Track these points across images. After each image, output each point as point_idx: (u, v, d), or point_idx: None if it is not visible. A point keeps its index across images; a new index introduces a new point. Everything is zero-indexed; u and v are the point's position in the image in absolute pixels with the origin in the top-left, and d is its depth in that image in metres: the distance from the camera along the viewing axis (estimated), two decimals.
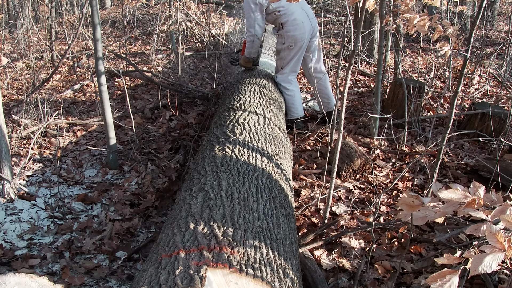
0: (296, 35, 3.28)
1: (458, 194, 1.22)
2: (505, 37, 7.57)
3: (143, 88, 5.27)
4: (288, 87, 3.52)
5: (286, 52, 3.36)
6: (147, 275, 1.26)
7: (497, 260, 1.08)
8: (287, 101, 3.56)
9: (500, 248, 1.09)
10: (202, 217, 1.50)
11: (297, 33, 3.28)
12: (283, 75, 3.50)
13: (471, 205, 1.21)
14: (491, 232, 1.11)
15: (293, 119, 3.57)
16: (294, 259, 1.56)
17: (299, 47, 3.35)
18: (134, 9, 8.12)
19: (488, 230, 1.11)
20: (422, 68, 5.74)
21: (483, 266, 1.07)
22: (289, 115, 3.59)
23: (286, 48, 3.34)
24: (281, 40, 3.37)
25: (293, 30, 3.25)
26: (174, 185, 3.00)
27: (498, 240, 1.09)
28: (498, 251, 1.09)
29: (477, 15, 2.09)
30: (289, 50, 3.35)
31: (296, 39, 3.28)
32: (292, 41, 3.28)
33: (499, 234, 1.09)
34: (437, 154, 2.47)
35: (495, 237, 1.10)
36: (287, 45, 3.32)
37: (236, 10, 8.92)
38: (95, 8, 2.87)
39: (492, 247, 1.10)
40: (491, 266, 1.07)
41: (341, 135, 2.12)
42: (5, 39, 7.10)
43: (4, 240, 2.44)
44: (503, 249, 1.09)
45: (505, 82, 4.79)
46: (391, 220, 2.53)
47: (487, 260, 1.08)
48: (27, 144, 3.63)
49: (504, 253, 1.08)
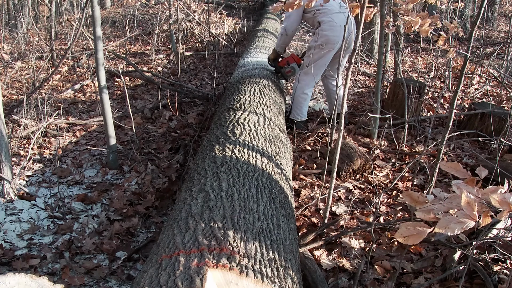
0: (330, 36, 3.30)
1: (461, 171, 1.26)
2: (505, 37, 7.57)
3: (143, 88, 5.27)
4: (305, 90, 3.54)
5: (316, 50, 3.40)
6: (148, 276, 1.26)
7: (463, 227, 1.13)
8: (297, 101, 3.58)
9: (471, 218, 1.13)
10: (203, 218, 1.50)
11: (331, 34, 3.30)
12: (307, 76, 3.48)
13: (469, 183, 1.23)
14: (467, 201, 1.14)
15: (294, 120, 3.59)
16: (294, 260, 1.56)
17: (329, 49, 3.37)
18: (134, 9, 8.12)
19: (465, 198, 1.14)
20: (422, 68, 5.74)
21: (447, 229, 1.13)
22: (292, 115, 3.60)
23: (318, 46, 3.37)
24: (314, 38, 3.42)
25: (328, 30, 3.28)
26: (174, 185, 3.00)
27: (472, 209, 1.13)
28: (469, 220, 1.13)
29: (477, 15, 2.09)
30: (319, 50, 3.38)
31: (329, 39, 3.31)
32: (324, 41, 3.31)
33: (473, 204, 1.13)
34: (437, 154, 2.47)
35: (470, 206, 1.14)
36: (319, 43, 3.35)
37: (236, 10, 8.91)
38: (96, 8, 2.87)
39: (465, 215, 1.14)
40: (454, 229, 1.13)
41: (341, 135, 2.12)
42: (5, 39, 7.09)
43: (4, 240, 2.44)
44: (474, 219, 1.13)
45: (505, 82, 4.79)
46: (391, 220, 2.53)
47: (453, 225, 1.13)
48: (27, 144, 3.63)
49: (474, 223, 1.13)
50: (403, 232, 1.21)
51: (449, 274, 1.99)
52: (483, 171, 1.34)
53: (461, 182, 1.24)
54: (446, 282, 2.00)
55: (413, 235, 1.20)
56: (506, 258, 2.07)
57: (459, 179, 1.24)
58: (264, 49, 4.76)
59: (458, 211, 1.15)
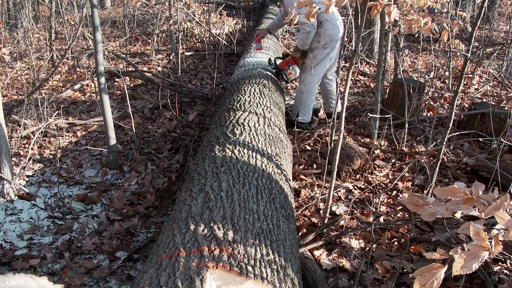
0: (333, 34, 3.38)
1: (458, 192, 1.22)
2: (505, 37, 7.57)
3: (143, 88, 5.27)
4: (311, 91, 3.56)
5: (319, 50, 3.43)
6: (148, 277, 1.26)
7: (479, 261, 1.08)
8: (305, 104, 3.60)
9: (484, 247, 1.09)
10: (203, 218, 1.50)
11: (334, 32, 3.38)
12: (313, 78, 3.49)
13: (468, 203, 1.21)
14: (476, 231, 1.10)
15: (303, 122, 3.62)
16: (294, 260, 1.56)
17: (332, 47, 3.44)
18: (134, 9, 8.12)
19: (473, 229, 1.11)
20: (422, 68, 5.74)
21: (464, 268, 1.08)
22: (300, 118, 3.63)
23: (321, 46, 3.41)
24: (317, 39, 3.44)
25: (331, 29, 3.34)
26: (174, 185, 3.00)
27: (482, 239, 1.09)
28: (483, 250, 1.09)
29: (478, 15, 2.09)
30: (323, 49, 3.42)
31: (332, 38, 3.38)
32: (328, 40, 3.37)
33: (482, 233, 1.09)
34: (437, 154, 2.47)
35: (479, 235, 1.10)
36: (322, 43, 3.39)
37: (236, 10, 8.91)
38: (96, 8, 2.87)
39: (477, 246, 1.10)
40: (471, 267, 1.07)
41: (341, 135, 2.11)
42: (5, 39, 7.09)
43: (4, 240, 2.44)
44: (487, 248, 1.08)
45: (505, 82, 4.79)
46: (391, 220, 2.53)
47: (469, 262, 1.08)
48: (27, 144, 3.63)
49: (487, 251, 1.08)
50: (421, 281, 1.17)
51: (449, 274, 1.99)
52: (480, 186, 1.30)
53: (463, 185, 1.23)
54: (446, 282, 2.00)
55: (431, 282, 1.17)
56: (506, 258, 2.07)
57: (460, 181, 1.23)
58: (264, 49, 4.75)
59: (468, 244, 1.10)
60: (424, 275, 1.14)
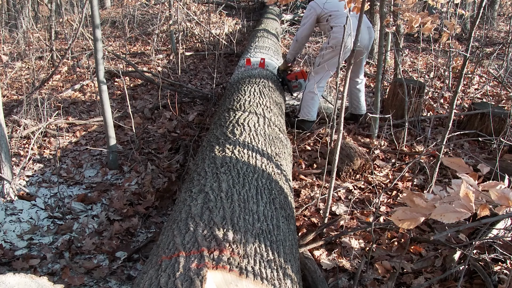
0: (340, 38, 3.42)
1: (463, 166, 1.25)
2: (505, 37, 7.57)
3: (143, 88, 5.27)
4: (313, 89, 3.58)
5: (327, 51, 3.53)
6: (148, 278, 1.26)
7: (459, 217, 1.12)
8: (305, 100, 3.63)
9: (468, 209, 1.12)
10: (202, 219, 1.50)
11: (340, 36, 3.41)
12: (317, 75, 3.58)
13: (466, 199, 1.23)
14: (466, 192, 1.13)
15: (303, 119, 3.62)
16: (294, 261, 1.56)
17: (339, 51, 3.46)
18: (134, 9, 8.12)
19: (464, 189, 1.14)
20: (422, 68, 5.74)
21: (444, 216, 1.12)
22: (300, 114, 3.64)
23: (329, 48, 3.50)
24: (327, 40, 3.57)
25: (338, 32, 3.41)
26: (174, 185, 3.00)
27: (469, 200, 1.13)
28: (466, 210, 1.12)
29: (477, 15, 2.09)
30: (330, 51, 3.50)
31: (339, 41, 3.42)
32: (335, 43, 3.44)
33: (471, 195, 1.13)
34: (437, 154, 2.47)
35: (468, 197, 1.13)
36: (330, 45, 3.48)
37: (236, 10, 8.91)
38: (95, 8, 2.87)
39: (462, 205, 1.13)
40: (450, 218, 1.12)
41: (341, 135, 2.11)
42: (5, 39, 7.09)
43: (4, 240, 2.44)
44: (471, 211, 1.12)
45: (505, 82, 4.79)
46: (391, 220, 2.53)
47: (449, 214, 1.13)
48: (27, 144, 3.63)
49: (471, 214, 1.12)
50: (399, 215, 1.20)
51: (449, 274, 1.99)
52: (485, 167, 1.33)
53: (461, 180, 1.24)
54: (446, 282, 2.00)
55: (409, 219, 1.19)
56: (506, 258, 2.07)
57: (459, 179, 1.24)
58: (264, 49, 4.76)
59: (455, 201, 1.14)
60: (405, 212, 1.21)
